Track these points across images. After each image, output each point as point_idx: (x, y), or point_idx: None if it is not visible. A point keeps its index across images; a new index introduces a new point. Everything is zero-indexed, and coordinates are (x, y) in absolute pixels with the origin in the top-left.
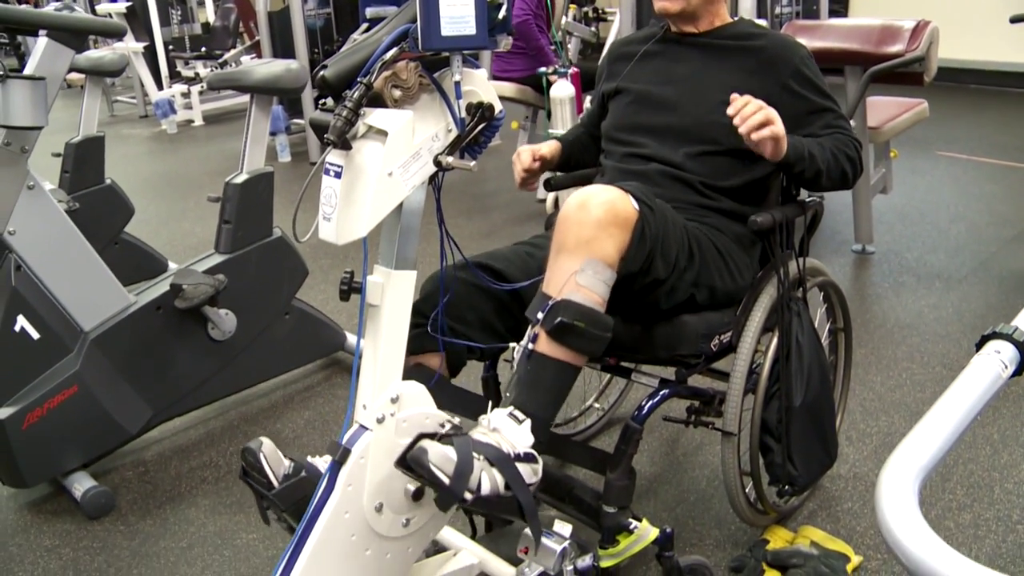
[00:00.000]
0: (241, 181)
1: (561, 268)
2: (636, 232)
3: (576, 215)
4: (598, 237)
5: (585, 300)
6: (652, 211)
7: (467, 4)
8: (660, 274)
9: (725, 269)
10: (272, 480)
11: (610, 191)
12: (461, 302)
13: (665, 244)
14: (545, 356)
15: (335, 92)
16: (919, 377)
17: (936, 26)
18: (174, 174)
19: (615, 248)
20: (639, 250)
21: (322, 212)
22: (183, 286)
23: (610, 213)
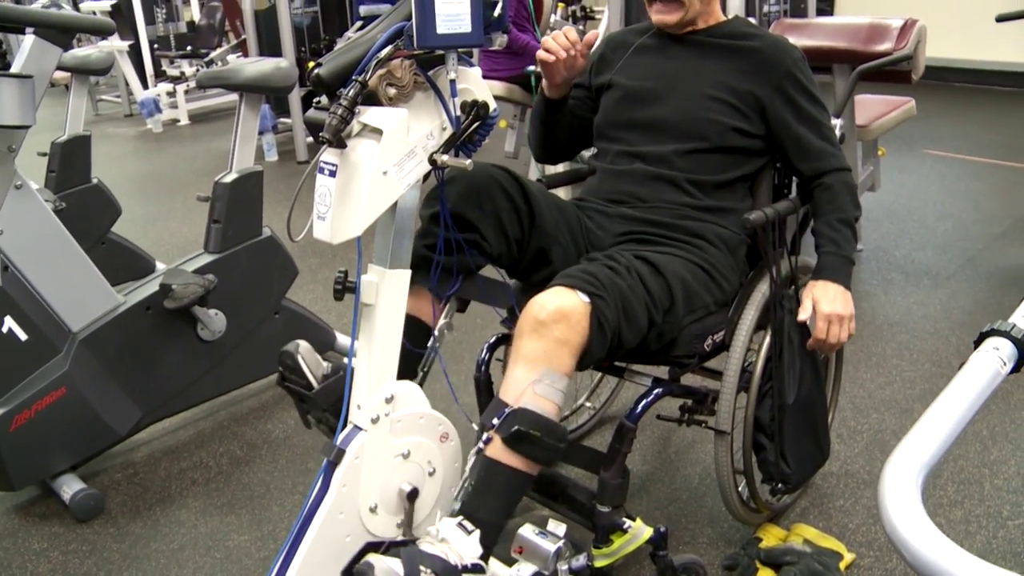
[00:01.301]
0: (231, 180)
1: (519, 377)
2: (593, 326)
3: (533, 330)
4: (554, 349)
5: (542, 409)
6: (605, 297)
7: (462, 2)
8: (632, 343)
9: (713, 283)
10: (312, 381)
11: (557, 296)
12: (480, 190)
13: (630, 316)
14: (498, 463)
15: (330, 90)
16: (908, 374)
17: (923, 25)
18: (160, 173)
19: (571, 356)
20: (600, 339)
21: (316, 211)
22: (172, 286)
23: (562, 322)
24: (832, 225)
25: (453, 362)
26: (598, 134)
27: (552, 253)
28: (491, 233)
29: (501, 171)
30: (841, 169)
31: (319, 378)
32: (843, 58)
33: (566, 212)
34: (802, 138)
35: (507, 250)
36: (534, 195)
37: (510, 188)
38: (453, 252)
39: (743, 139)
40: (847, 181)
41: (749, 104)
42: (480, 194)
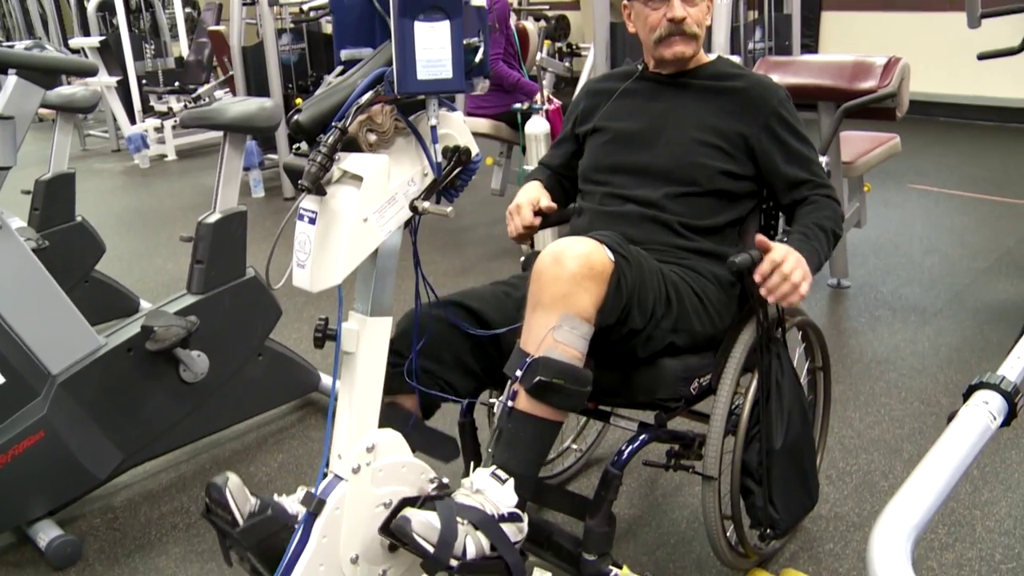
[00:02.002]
0: (214, 221)
1: (538, 324)
2: (612, 284)
3: (551, 270)
4: (574, 292)
5: (563, 356)
6: (628, 262)
7: (443, 47)
8: (637, 324)
9: (704, 312)
10: (237, 517)
11: (585, 243)
12: (437, 341)
13: (642, 294)
14: (525, 414)
15: (309, 137)
16: (897, 413)
17: (907, 63)
18: (146, 209)
19: (591, 302)
20: (615, 302)
21: (296, 258)
22: (154, 328)
23: (585, 266)
24: (807, 226)
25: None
26: (584, 177)
27: None
28: (458, 378)
29: (449, 308)
30: (828, 190)
31: (245, 515)
32: (828, 96)
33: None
34: (790, 174)
35: (478, 384)
36: (489, 317)
37: (463, 324)
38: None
39: (732, 182)
40: (832, 198)
41: (736, 145)
42: (436, 346)
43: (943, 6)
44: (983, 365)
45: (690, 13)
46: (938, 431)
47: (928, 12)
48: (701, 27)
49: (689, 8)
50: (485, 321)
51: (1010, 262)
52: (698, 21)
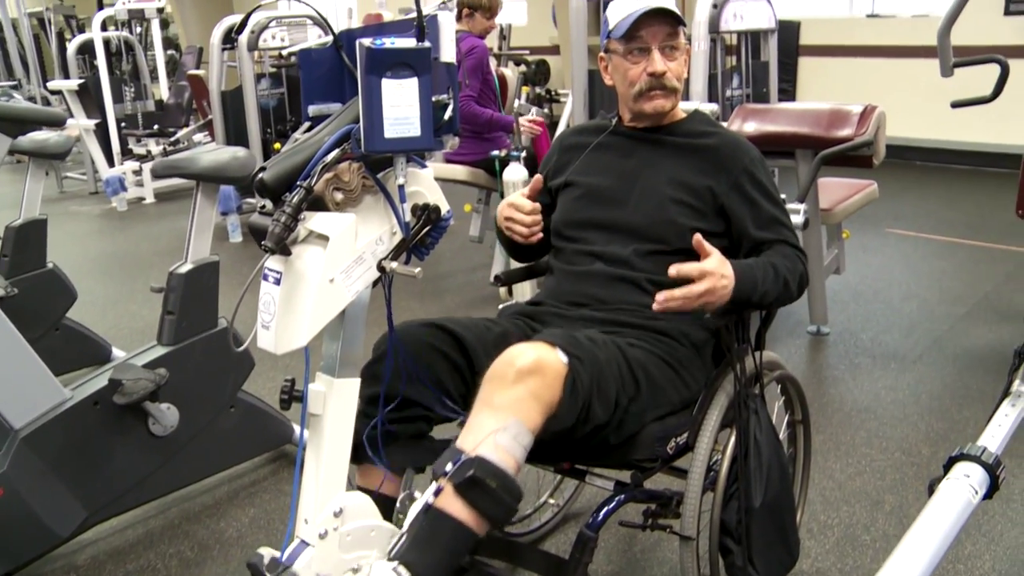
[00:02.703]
0: (185, 271)
1: (481, 425)
2: (567, 387)
3: (503, 373)
4: (523, 399)
5: (501, 462)
6: (582, 361)
7: (411, 105)
8: (600, 419)
9: (679, 380)
10: None
11: (537, 348)
12: (416, 361)
13: (602, 388)
14: (446, 513)
15: (274, 196)
16: (879, 463)
17: (883, 111)
18: (123, 253)
19: (540, 412)
20: (571, 404)
21: (260, 319)
22: (122, 381)
23: (538, 375)
24: (760, 260)
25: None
26: (555, 232)
27: None
28: (436, 402)
29: (430, 329)
30: (796, 249)
31: None
32: (805, 144)
33: (512, 338)
34: (758, 236)
35: (454, 403)
36: (471, 344)
37: (444, 346)
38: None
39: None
40: (799, 254)
41: (707, 202)
42: (416, 365)
43: (918, 52)
44: (964, 413)
45: (670, 67)
46: (920, 482)
47: (903, 58)
48: (680, 81)
49: (669, 62)
50: (464, 345)
51: (988, 307)
52: (678, 75)
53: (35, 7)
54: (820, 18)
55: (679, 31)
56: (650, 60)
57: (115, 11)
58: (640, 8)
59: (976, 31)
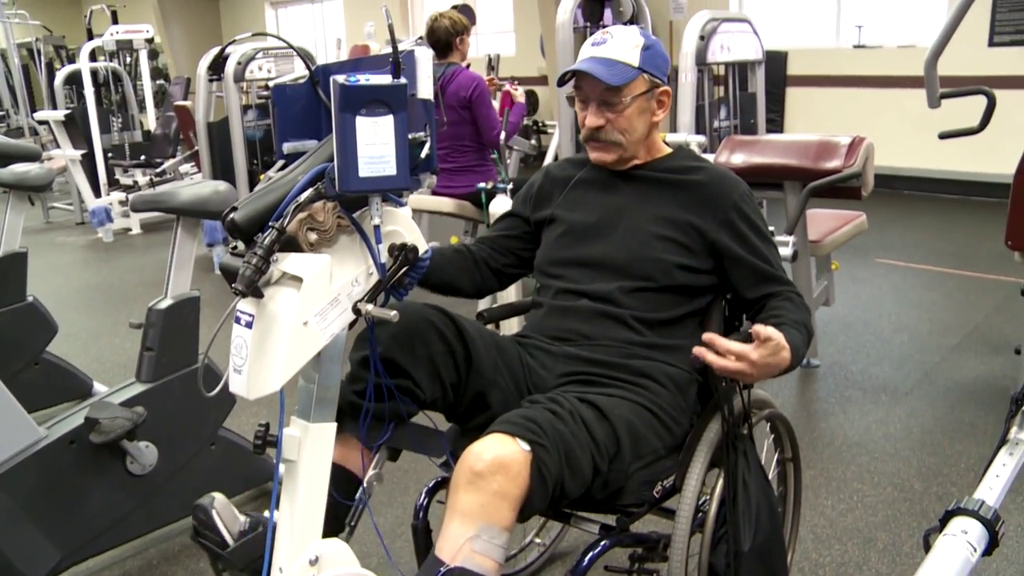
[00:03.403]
0: (165, 307)
1: (455, 533)
2: (533, 477)
3: (469, 483)
4: (491, 502)
5: (480, 568)
6: (545, 446)
7: (387, 143)
8: (575, 493)
9: (661, 426)
10: (227, 538)
11: (495, 445)
12: (415, 333)
13: (573, 465)
14: None
15: (245, 237)
16: (870, 499)
17: (871, 142)
18: (107, 285)
19: (510, 509)
20: (542, 491)
21: (232, 363)
22: (99, 420)
23: (500, 473)
24: (796, 323)
25: (388, 506)
26: (539, 270)
27: (491, 397)
28: (425, 379)
29: (435, 311)
30: (795, 289)
31: (235, 535)
32: (793, 175)
33: (506, 352)
34: (753, 271)
35: (442, 395)
36: (471, 336)
37: (445, 330)
38: (384, 399)
39: (690, 276)
40: (799, 295)
41: (694, 239)
42: (413, 337)
43: (905, 83)
44: (956, 447)
45: (611, 119)
46: (912, 518)
47: (890, 88)
48: (627, 133)
49: (610, 114)
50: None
51: (978, 338)
52: (622, 128)
53: (24, 38)
54: (807, 48)
55: (620, 89)
56: (589, 111)
57: (103, 42)
58: (574, 66)
59: (961, 62)
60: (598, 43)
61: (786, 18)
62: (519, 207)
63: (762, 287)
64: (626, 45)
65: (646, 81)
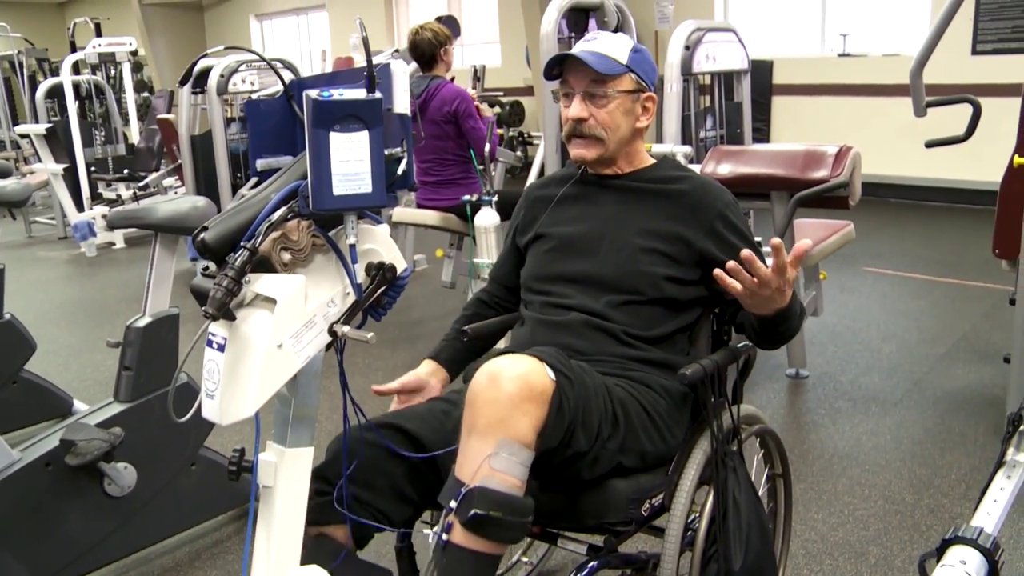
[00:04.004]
0: (143, 325)
1: (473, 451)
2: (553, 406)
3: (486, 392)
4: (511, 415)
5: (501, 486)
6: (570, 381)
7: (362, 160)
8: (582, 446)
9: (654, 430)
10: None
11: (523, 362)
12: (369, 467)
13: (586, 414)
14: (461, 548)
15: (216, 257)
16: (861, 513)
17: (858, 151)
18: (90, 300)
19: (531, 426)
20: (557, 425)
21: (204, 388)
22: (75, 442)
23: (524, 388)
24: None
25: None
26: (525, 286)
27: None
28: (392, 506)
29: (387, 430)
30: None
31: None
32: (781, 185)
33: None
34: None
35: (415, 511)
36: (427, 439)
37: (398, 447)
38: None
39: (678, 288)
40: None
41: (681, 250)
42: (368, 472)
43: (890, 91)
44: (946, 457)
45: (594, 113)
46: (904, 531)
47: (876, 97)
48: (610, 130)
49: (593, 108)
50: (422, 444)
51: (967, 347)
52: (605, 123)
53: (6, 51)
54: (793, 57)
55: (606, 80)
56: (572, 103)
57: (85, 54)
58: (562, 53)
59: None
60: (588, 40)
61: (771, 27)
62: (509, 240)
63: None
64: (616, 44)
65: (632, 81)
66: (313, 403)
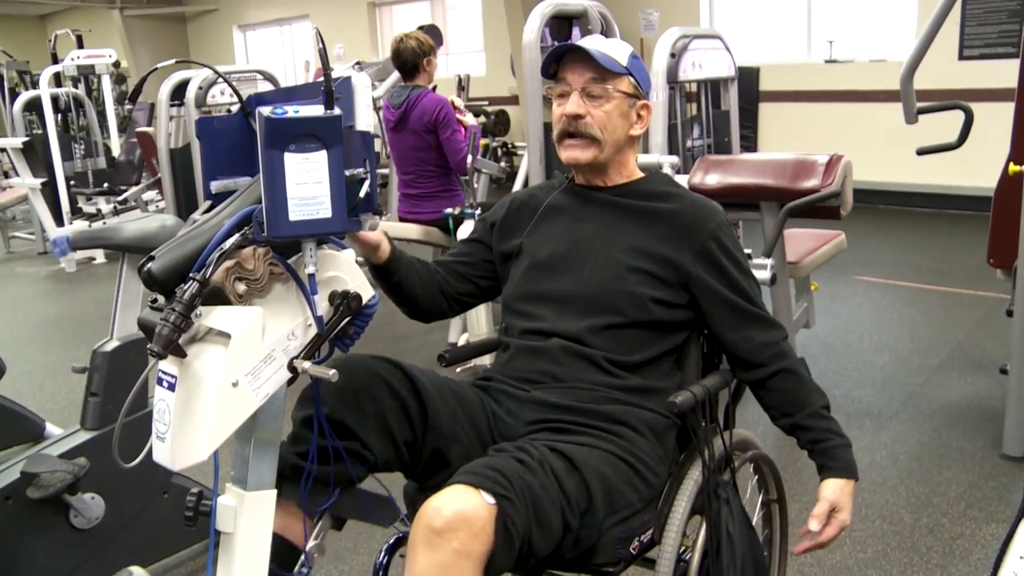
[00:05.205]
0: (110, 349)
1: None
2: (499, 533)
3: (426, 539)
4: (452, 564)
5: None
6: (512, 500)
7: (320, 182)
8: (544, 550)
9: (639, 479)
10: None
11: (459, 497)
12: (362, 390)
13: (541, 521)
14: None
15: (164, 290)
16: (859, 534)
17: (849, 160)
18: (68, 318)
19: (473, 569)
20: (507, 549)
21: (155, 429)
22: (38, 474)
23: (462, 529)
24: (821, 414)
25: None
26: (506, 308)
27: (450, 453)
28: (375, 440)
29: (385, 364)
30: (784, 343)
31: None
32: (770, 196)
33: (466, 401)
34: (730, 309)
35: (396, 456)
36: (426, 389)
37: (396, 383)
38: (330, 461)
39: (664, 311)
40: (796, 358)
41: (669, 272)
42: (360, 394)
43: (877, 96)
44: (944, 474)
45: (592, 112)
46: (903, 553)
47: (863, 102)
48: (606, 131)
49: (591, 106)
50: (416, 385)
51: (961, 357)
52: (601, 123)
53: None
54: (779, 64)
55: (606, 78)
56: (569, 100)
57: (64, 67)
58: (565, 44)
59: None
60: (587, 40)
61: (757, 34)
62: (482, 233)
63: (743, 329)
64: (616, 46)
65: (631, 84)
66: (275, 443)
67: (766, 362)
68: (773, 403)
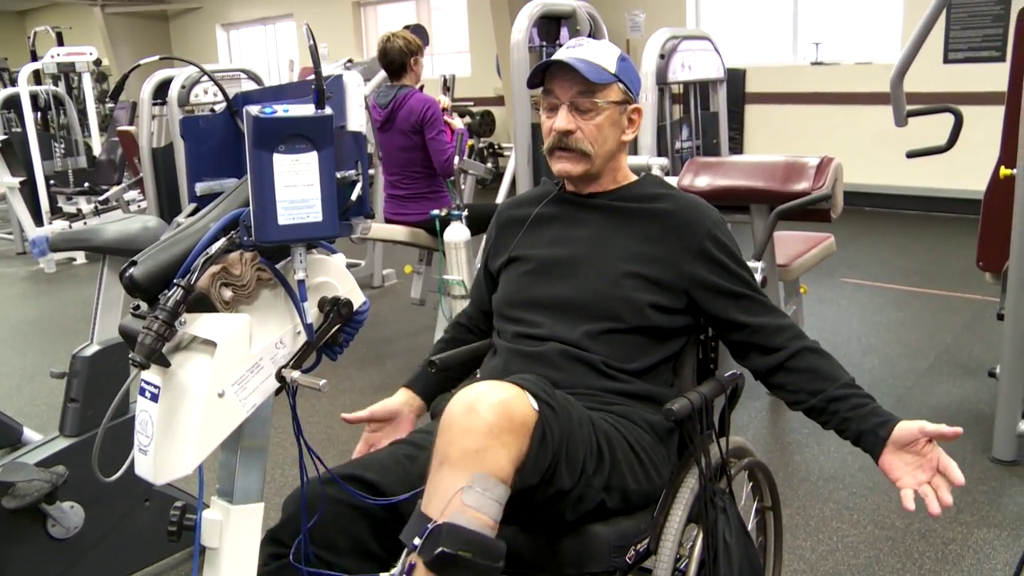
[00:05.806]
0: (90, 354)
1: (444, 484)
2: (535, 438)
3: (463, 420)
4: (489, 447)
5: (473, 523)
6: (554, 411)
7: (310, 185)
8: (565, 484)
9: (640, 468)
10: None
11: (504, 389)
12: (329, 525)
13: (571, 449)
14: None
15: (147, 296)
16: (851, 539)
17: (839, 163)
18: (46, 319)
19: (509, 459)
20: (539, 459)
21: (137, 442)
22: (14, 483)
23: (504, 417)
24: (855, 383)
25: None
26: (497, 314)
27: None
28: (355, 565)
29: (348, 480)
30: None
31: None
32: (761, 198)
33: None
34: (740, 299)
35: (380, 568)
36: (392, 492)
37: (359, 501)
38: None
39: (662, 316)
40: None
41: (667, 274)
42: (329, 530)
43: (863, 99)
44: None
45: (581, 126)
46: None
47: (849, 105)
48: (596, 144)
49: (580, 121)
50: (385, 496)
51: (949, 360)
52: (591, 138)
53: None
54: (765, 66)
55: (594, 90)
56: (558, 115)
57: (43, 64)
58: (550, 58)
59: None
60: (573, 46)
61: (743, 35)
62: (481, 267)
63: (756, 316)
64: (604, 51)
65: (620, 91)
66: (262, 455)
67: (785, 344)
68: (799, 383)
